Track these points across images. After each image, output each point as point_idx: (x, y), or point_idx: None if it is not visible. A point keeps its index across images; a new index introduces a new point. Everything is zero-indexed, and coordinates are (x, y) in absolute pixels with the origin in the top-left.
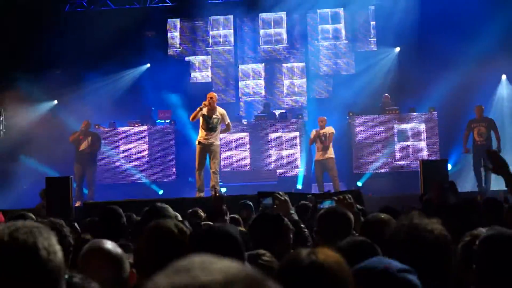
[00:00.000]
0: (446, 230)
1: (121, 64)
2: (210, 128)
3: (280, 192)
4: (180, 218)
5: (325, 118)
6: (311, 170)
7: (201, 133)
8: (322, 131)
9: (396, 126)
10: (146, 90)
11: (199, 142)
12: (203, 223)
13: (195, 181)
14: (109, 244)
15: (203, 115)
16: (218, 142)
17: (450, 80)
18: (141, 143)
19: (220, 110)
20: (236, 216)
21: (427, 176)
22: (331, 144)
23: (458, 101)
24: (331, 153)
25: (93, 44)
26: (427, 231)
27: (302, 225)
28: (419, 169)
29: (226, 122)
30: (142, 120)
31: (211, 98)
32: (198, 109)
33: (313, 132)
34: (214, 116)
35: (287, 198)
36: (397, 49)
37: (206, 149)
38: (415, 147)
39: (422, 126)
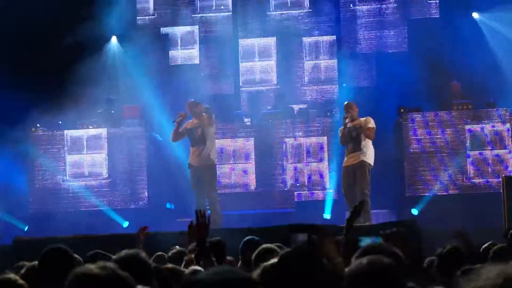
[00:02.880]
0: None
1: (68, 37)
2: (197, 141)
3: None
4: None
5: (354, 104)
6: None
7: (191, 152)
8: (353, 123)
9: (469, 127)
10: (105, 77)
11: (190, 165)
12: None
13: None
14: None
15: (186, 129)
16: (213, 160)
17: None
18: (98, 153)
19: (204, 117)
20: (230, 258)
21: None
22: (366, 142)
23: None
24: (365, 155)
25: (28, 7)
26: None
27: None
28: (501, 190)
29: (212, 121)
30: (99, 119)
31: (190, 109)
32: (175, 125)
33: (341, 129)
34: (198, 126)
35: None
36: (475, 15)
37: (199, 172)
38: (497, 158)
39: (506, 128)
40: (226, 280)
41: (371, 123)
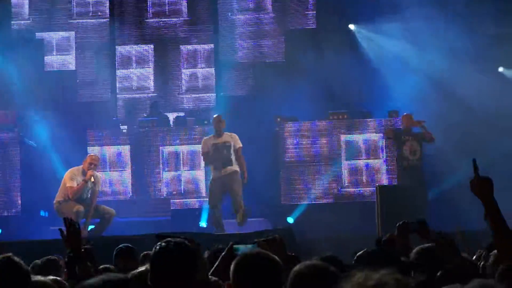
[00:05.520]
0: None
1: None
2: (83, 199)
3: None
4: None
5: (221, 116)
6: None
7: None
8: (220, 140)
9: (344, 137)
10: None
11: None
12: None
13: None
14: None
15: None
16: None
17: (420, 73)
18: None
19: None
20: (111, 266)
21: (387, 209)
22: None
23: (431, 103)
24: (236, 166)
25: None
26: None
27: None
28: (375, 199)
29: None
30: None
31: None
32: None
33: (206, 142)
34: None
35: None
36: (351, 26)
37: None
38: (371, 168)
39: (380, 138)
40: (107, 281)
41: (239, 142)
